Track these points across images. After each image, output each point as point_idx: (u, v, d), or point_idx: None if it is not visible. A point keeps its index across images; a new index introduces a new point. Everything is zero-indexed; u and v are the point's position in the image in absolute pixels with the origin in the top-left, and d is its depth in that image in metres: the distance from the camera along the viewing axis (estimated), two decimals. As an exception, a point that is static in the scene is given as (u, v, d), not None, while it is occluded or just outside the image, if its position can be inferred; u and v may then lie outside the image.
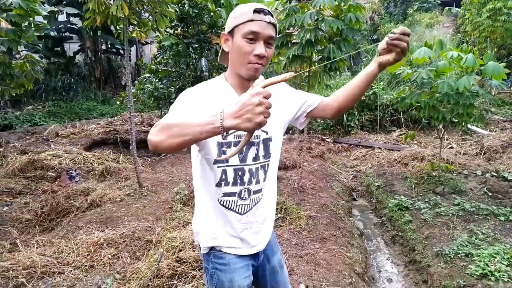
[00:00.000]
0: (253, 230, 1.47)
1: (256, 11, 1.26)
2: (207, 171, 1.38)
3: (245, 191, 1.40)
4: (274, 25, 1.30)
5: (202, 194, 1.44)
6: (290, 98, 1.53)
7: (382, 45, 1.36)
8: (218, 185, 1.38)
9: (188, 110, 1.24)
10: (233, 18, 1.31)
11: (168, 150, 1.08)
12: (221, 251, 1.45)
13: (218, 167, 1.36)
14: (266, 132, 1.42)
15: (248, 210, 1.44)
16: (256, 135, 1.39)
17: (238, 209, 1.42)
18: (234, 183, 1.38)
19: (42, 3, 10.01)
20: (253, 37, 1.26)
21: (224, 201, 1.40)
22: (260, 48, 1.27)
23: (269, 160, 1.45)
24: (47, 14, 9.85)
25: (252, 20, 1.26)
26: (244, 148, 1.30)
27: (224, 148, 1.33)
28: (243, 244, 1.46)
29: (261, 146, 1.41)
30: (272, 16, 1.30)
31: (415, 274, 3.36)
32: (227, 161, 1.35)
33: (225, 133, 1.02)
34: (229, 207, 1.41)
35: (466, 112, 4.32)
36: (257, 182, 1.42)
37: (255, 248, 1.50)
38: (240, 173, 1.38)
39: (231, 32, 1.32)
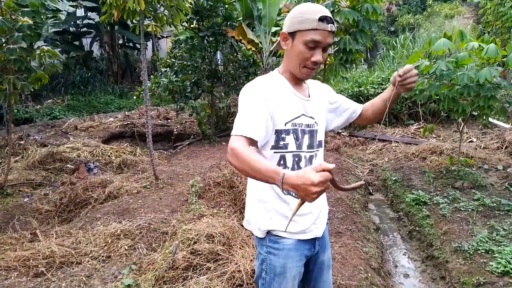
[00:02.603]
0: (311, 216, 1.51)
1: (320, 19, 1.31)
2: (264, 157, 1.43)
3: None
4: (333, 32, 1.37)
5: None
6: (334, 100, 1.67)
7: (393, 79, 1.50)
8: None
9: (256, 109, 1.34)
10: (297, 21, 1.35)
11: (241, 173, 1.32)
12: (278, 235, 1.48)
13: (275, 152, 1.43)
14: (316, 123, 1.52)
15: None
16: (309, 124, 1.49)
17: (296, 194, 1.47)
18: (292, 168, 1.45)
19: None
20: (314, 46, 1.34)
21: None
22: (318, 55, 1.35)
23: (318, 150, 1.55)
24: (66, 10, 10.02)
25: (315, 29, 1.32)
26: (300, 136, 1.45)
27: (283, 135, 1.42)
28: (300, 228, 1.48)
29: (313, 135, 1.51)
30: (333, 23, 1.36)
31: (432, 270, 3.31)
32: (285, 147, 1.43)
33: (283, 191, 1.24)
34: (288, 191, 1.44)
35: (487, 104, 4.19)
36: None
37: (312, 234, 1.52)
38: (297, 159, 1.46)
39: (292, 34, 1.37)
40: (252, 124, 1.31)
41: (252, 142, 1.30)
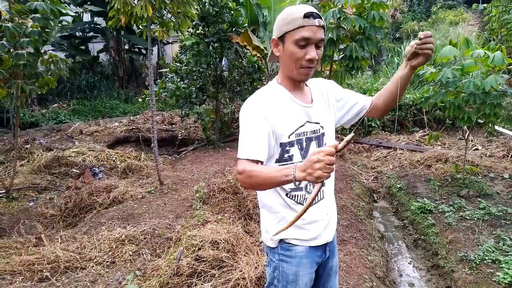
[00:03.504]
0: (322, 223, 1.51)
1: (306, 15, 1.30)
2: None
3: (310, 184, 1.46)
4: (323, 27, 1.35)
5: (269, 192, 1.49)
6: (341, 97, 1.62)
7: (408, 49, 1.45)
8: None
9: (258, 130, 1.35)
10: (283, 23, 1.34)
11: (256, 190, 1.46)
12: (290, 243, 1.48)
13: (280, 165, 1.43)
14: (322, 127, 1.50)
15: (315, 202, 1.48)
16: (315, 130, 1.48)
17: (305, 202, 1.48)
18: None
19: (67, 4, 10.28)
20: (305, 43, 1.32)
21: (292, 195, 1.46)
22: (312, 52, 1.33)
23: None
24: (74, 14, 10.10)
25: (303, 26, 1.30)
26: (304, 146, 1.46)
27: (287, 148, 1.43)
28: (311, 235, 1.49)
29: (320, 140, 1.51)
30: (321, 18, 1.34)
31: (438, 280, 3.28)
32: (290, 159, 1.44)
33: (297, 183, 1.28)
34: (297, 200, 1.46)
35: (493, 112, 4.17)
36: None
37: (323, 239, 1.53)
38: None
39: (282, 38, 1.36)
40: (255, 145, 1.33)
41: (257, 162, 1.32)
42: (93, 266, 2.99)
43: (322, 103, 1.55)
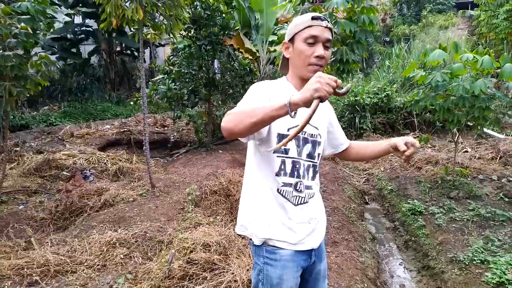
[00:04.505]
0: (309, 226, 1.52)
1: (313, 18, 1.41)
2: (265, 162, 1.46)
3: (300, 183, 1.48)
4: (330, 30, 1.43)
5: (259, 184, 1.50)
6: (333, 123, 1.68)
7: (395, 144, 1.45)
8: (278, 174, 1.46)
9: (258, 98, 1.37)
10: (293, 26, 1.45)
11: (241, 133, 1.23)
12: (275, 246, 1.48)
13: (277, 156, 1.45)
14: (320, 135, 1.54)
15: (302, 202, 1.50)
16: (313, 134, 1.51)
17: (294, 200, 1.48)
18: (291, 175, 1.47)
19: (58, 6, 10.21)
20: (313, 41, 1.40)
21: (282, 190, 1.47)
22: (319, 49, 1.40)
23: (317, 162, 1.56)
24: (64, 16, 10.05)
25: (311, 26, 1.40)
26: (301, 143, 1.46)
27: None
28: (297, 238, 1.49)
29: (314, 146, 1.53)
30: (328, 22, 1.43)
31: (428, 280, 3.31)
32: (286, 152, 1.45)
33: (293, 113, 1.14)
34: (287, 196, 1.47)
35: (482, 115, 4.24)
36: (308, 178, 1.52)
37: (309, 245, 1.52)
38: (297, 166, 1.48)
39: (292, 40, 1.46)
40: (251, 104, 1.33)
41: None
42: (83, 270, 2.96)
43: (323, 115, 1.60)
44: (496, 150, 6.41)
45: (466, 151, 6.86)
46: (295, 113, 1.15)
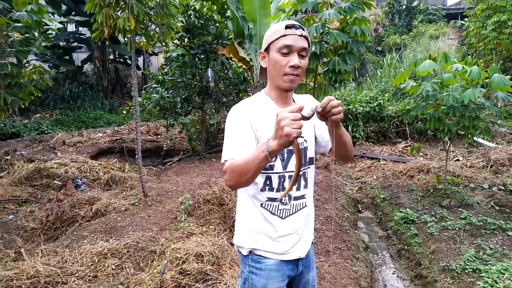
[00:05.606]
0: (296, 236, 1.51)
1: (287, 26, 1.38)
2: None
3: (286, 196, 1.47)
4: (306, 38, 1.41)
5: (245, 199, 1.51)
6: (319, 126, 1.61)
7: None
8: (263, 189, 1.46)
9: (241, 133, 1.39)
10: (267, 36, 1.43)
11: (243, 186, 1.36)
12: (261, 255, 1.49)
13: (262, 173, 1.44)
14: (306, 141, 1.53)
15: (289, 214, 1.49)
16: (298, 143, 1.45)
17: (280, 213, 1.48)
18: (278, 189, 1.46)
19: (52, 14, 10.20)
20: (287, 51, 1.38)
21: (267, 205, 1.47)
22: (294, 59, 1.37)
23: (309, 167, 1.55)
24: (58, 24, 10.03)
25: (285, 35, 1.37)
26: (286, 157, 1.46)
27: (271, 162, 1.43)
28: (283, 249, 1.49)
29: (302, 154, 1.51)
30: (304, 30, 1.41)
31: (421, 289, 3.32)
32: (271, 168, 1.45)
33: (272, 158, 1.19)
34: (272, 211, 1.47)
35: (472, 124, 4.30)
36: (298, 188, 1.50)
37: (295, 254, 1.52)
38: (282, 180, 1.46)
39: (267, 49, 1.44)
40: (239, 147, 1.35)
41: None
42: (74, 281, 2.92)
43: (307, 121, 1.56)
44: (487, 159, 6.49)
45: (458, 160, 6.94)
46: (275, 158, 1.29)
